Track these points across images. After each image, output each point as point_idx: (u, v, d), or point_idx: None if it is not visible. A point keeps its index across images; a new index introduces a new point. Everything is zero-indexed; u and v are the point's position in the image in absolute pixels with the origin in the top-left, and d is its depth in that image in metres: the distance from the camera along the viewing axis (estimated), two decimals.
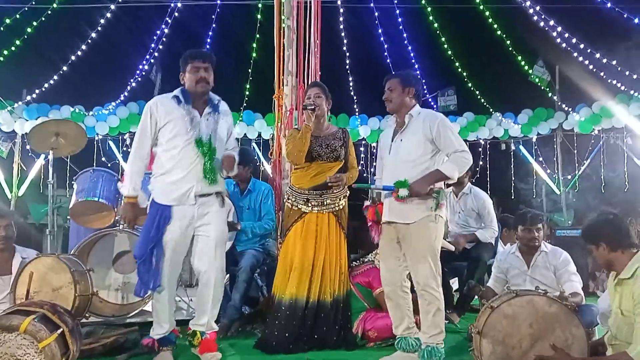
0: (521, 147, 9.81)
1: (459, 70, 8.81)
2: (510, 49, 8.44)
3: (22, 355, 2.37)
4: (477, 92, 9.21)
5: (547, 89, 9.22)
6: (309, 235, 3.67)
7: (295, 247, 3.67)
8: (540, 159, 9.70)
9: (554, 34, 7.52)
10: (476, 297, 3.57)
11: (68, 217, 4.73)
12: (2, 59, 7.63)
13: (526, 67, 8.96)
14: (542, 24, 7.38)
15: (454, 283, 5.01)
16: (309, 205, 3.69)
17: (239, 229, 4.27)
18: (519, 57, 8.74)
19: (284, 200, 3.91)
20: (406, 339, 3.30)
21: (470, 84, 9.07)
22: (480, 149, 9.61)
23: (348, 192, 3.84)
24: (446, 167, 3.16)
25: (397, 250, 3.29)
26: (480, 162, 9.31)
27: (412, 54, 8.71)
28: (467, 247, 4.51)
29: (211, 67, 3.34)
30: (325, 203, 3.70)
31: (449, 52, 8.47)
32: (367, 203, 3.46)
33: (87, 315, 3.72)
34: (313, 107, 3.64)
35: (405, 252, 3.24)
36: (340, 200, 3.75)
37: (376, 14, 8.40)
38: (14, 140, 8.50)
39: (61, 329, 2.56)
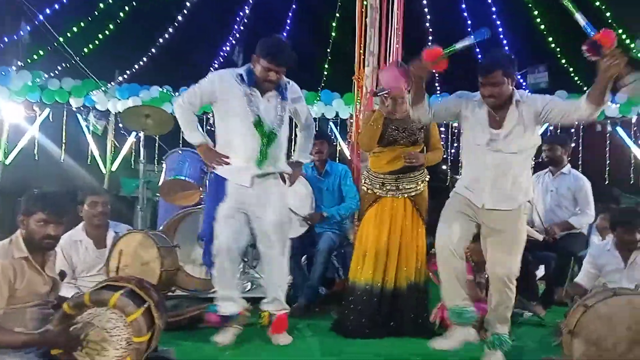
0: (618, 128, 9.09)
1: (551, 45, 8.24)
2: (609, 21, 7.76)
3: (111, 328, 2.49)
4: (571, 69, 8.59)
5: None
6: (383, 219, 3.59)
7: (369, 232, 3.61)
8: None
9: None
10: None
11: (157, 194, 4.98)
12: (97, 42, 8.07)
13: (627, 41, 8.21)
14: None
15: (538, 271, 4.76)
16: (384, 189, 3.61)
17: (326, 216, 4.28)
18: (620, 30, 8.03)
19: (361, 184, 3.86)
20: (467, 311, 3.04)
21: (563, 60, 8.47)
22: (572, 130, 9.00)
23: (427, 176, 3.71)
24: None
25: (467, 223, 3.07)
26: (573, 144, 8.73)
27: (500, 29, 8.25)
28: (556, 237, 4.26)
29: (285, 69, 3.23)
30: (400, 187, 3.59)
31: (541, 27, 7.93)
32: None
33: (173, 289, 3.91)
34: (387, 91, 3.51)
35: (494, 241, 3.03)
36: (418, 184, 3.63)
37: None
38: (108, 118, 9.00)
39: (147, 304, 2.67)
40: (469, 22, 8.14)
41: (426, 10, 7.83)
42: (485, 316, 3.13)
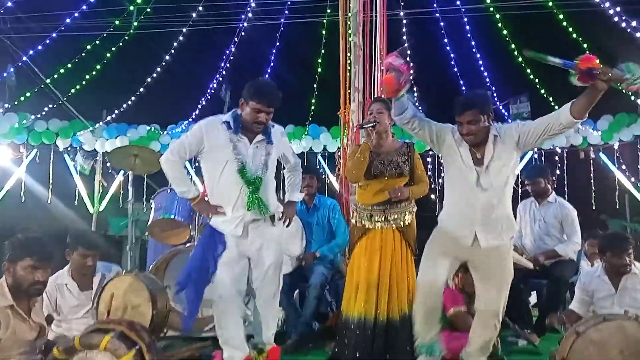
0: (601, 154, 9.26)
1: (530, 77, 8.45)
2: (587, 52, 7.98)
3: None
4: (551, 99, 8.79)
5: (630, 93, 8.64)
6: (373, 252, 3.57)
7: (360, 265, 3.59)
8: (623, 167, 9.11)
9: (638, 35, 7.03)
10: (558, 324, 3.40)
11: (146, 233, 4.94)
12: (84, 82, 8.11)
13: None
14: (623, 24, 6.93)
15: (531, 297, 4.77)
16: (372, 221, 3.61)
17: (318, 256, 4.29)
18: (597, 60, 8.25)
19: (351, 217, 3.86)
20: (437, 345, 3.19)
21: (543, 90, 8.67)
22: (557, 158, 9.15)
23: (415, 207, 3.73)
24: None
25: (453, 263, 3.16)
26: (558, 172, 8.87)
27: (480, 62, 8.45)
28: (546, 264, 4.28)
29: (274, 110, 3.23)
30: (389, 219, 3.59)
31: (519, 59, 8.14)
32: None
33: (165, 330, 3.83)
34: (373, 124, 3.56)
35: (484, 277, 3.08)
36: (405, 215, 3.63)
37: (442, 23, 8.24)
38: (95, 158, 8.98)
39: (138, 346, 2.63)
40: (452, 56, 8.34)
41: (407, 45, 8.02)
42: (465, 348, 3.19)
